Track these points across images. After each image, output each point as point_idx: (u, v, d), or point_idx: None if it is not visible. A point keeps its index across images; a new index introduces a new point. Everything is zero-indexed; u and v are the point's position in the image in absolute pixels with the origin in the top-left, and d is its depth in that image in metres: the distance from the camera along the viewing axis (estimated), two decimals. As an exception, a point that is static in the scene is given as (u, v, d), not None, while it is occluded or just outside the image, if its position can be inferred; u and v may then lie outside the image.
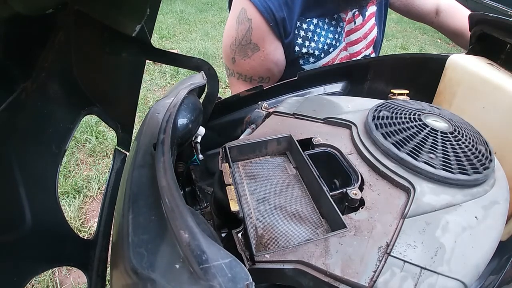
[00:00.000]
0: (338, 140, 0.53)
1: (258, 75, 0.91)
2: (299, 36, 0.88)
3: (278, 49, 0.89)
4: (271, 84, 0.93)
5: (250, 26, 0.84)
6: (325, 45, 0.91)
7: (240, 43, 0.86)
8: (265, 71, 0.90)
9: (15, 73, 0.41)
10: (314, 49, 0.91)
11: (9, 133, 0.41)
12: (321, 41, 0.91)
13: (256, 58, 0.87)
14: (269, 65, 0.89)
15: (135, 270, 0.31)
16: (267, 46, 0.86)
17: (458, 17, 1.12)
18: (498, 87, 0.63)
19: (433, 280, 0.34)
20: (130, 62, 0.61)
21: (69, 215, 1.72)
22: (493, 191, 0.45)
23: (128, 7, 0.46)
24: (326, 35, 0.91)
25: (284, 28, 0.85)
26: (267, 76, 0.91)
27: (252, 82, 0.92)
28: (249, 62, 0.88)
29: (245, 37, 0.85)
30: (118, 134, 0.67)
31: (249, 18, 0.83)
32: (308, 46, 0.90)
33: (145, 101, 2.78)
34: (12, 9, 0.34)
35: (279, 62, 0.91)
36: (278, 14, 0.83)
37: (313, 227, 0.41)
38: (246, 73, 0.91)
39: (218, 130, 0.77)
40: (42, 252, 0.47)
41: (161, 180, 0.36)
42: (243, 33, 0.85)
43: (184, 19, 4.88)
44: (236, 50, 0.87)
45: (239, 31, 0.85)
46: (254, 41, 0.85)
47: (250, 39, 0.85)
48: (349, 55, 0.99)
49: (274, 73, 0.92)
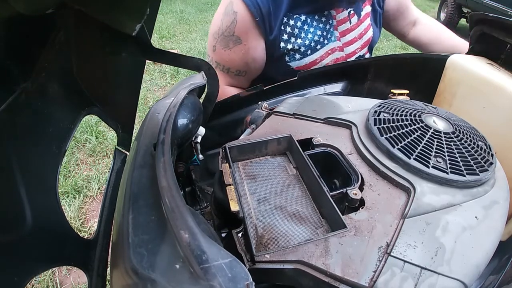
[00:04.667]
0: (338, 140, 0.53)
1: (236, 67, 0.92)
2: (285, 32, 0.89)
3: (259, 46, 0.90)
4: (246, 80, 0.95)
5: (235, 18, 0.85)
6: (312, 42, 0.91)
7: (223, 33, 0.87)
8: (243, 65, 0.91)
9: (15, 73, 0.41)
10: (300, 45, 0.91)
11: (9, 133, 0.41)
12: (308, 37, 0.91)
13: (236, 51, 0.88)
14: (248, 60, 0.90)
15: (135, 270, 0.31)
16: (250, 41, 0.87)
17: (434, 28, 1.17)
18: (498, 87, 0.63)
19: (433, 280, 0.34)
20: (130, 62, 0.61)
21: (69, 215, 1.72)
22: (493, 191, 0.45)
23: (128, 7, 0.46)
24: (314, 32, 0.91)
25: (270, 23, 0.86)
26: (244, 70, 0.93)
27: (229, 73, 0.94)
28: (229, 53, 0.89)
29: (229, 28, 0.86)
30: (118, 134, 0.67)
31: (235, 11, 0.84)
32: (294, 42, 0.90)
33: (145, 101, 2.78)
34: (12, 9, 0.34)
35: (258, 59, 0.92)
36: (264, 8, 0.84)
37: (313, 227, 0.41)
38: (224, 64, 0.92)
39: (218, 130, 0.77)
40: (42, 252, 0.47)
41: (161, 180, 0.36)
42: (227, 24, 0.86)
43: (184, 19, 4.88)
44: (218, 39, 0.89)
45: (224, 22, 0.86)
46: (237, 34, 0.86)
47: (233, 31, 0.86)
48: (345, 56, 0.99)
49: (251, 68, 0.93)
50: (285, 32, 0.89)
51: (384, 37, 4.60)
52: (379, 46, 4.36)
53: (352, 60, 0.96)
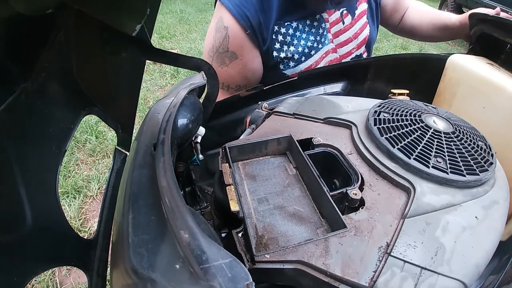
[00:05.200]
0: (338, 140, 0.53)
1: (235, 83, 0.90)
2: (276, 41, 0.87)
3: (256, 58, 0.88)
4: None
5: (226, 34, 0.83)
6: (305, 48, 0.90)
7: (217, 50, 0.86)
8: (242, 79, 0.90)
9: (15, 73, 0.41)
10: (293, 53, 0.89)
11: (9, 133, 0.41)
12: (301, 44, 0.89)
13: (234, 66, 0.87)
14: (247, 74, 0.89)
15: (135, 270, 0.31)
16: (246, 55, 0.85)
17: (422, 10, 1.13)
18: (498, 87, 0.63)
19: (433, 280, 0.34)
20: (130, 62, 0.61)
21: (69, 215, 1.72)
22: (493, 191, 0.45)
23: (128, 7, 0.46)
24: (307, 38, 0.89)
25: (261, 34, 0.84)
26: (244, 84, 0.91)
27: (229, 90, 0.91)
28: (226, 70, 0.87)
29: (222, 44, 0.84)
30: (118, 134, 0.67)
31: (225, 26, 0.83)
32: (287, 50, 0.88)
33: (145, 101, 2.78)
34: (12, 9, 0.34)
35: (257, 70, 0.90)
36: (254, 20, 0.82)
37: (313, 227, 0.41)
38: (223, 81, 0.89)
39: (218, 130, 0.77)
40: (42, 252, 0.47)
41: (161, 180, 0.36)
42: (220, 40, 0.84)
43: (184, 19, 4.88)
44: (214, 57, 0.87)
45: (217, 38, 0.85)
46: (231, 49, 0.84)
47: (227, 47, 0.84)
48: (339, 57, 0.97)
49: (251, 81, 0.91)
50: (276, 41, 0.87)
51: (384, 37, 4.60)
52: (379, 46, 4.36)
53: (352, 60, 0.96)
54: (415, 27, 1.13)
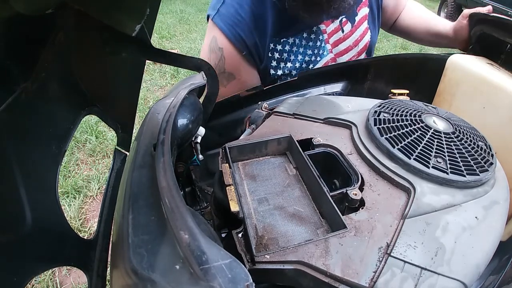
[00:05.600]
0: (338, 140, 0.53)
1: None
2: (273, 59, 0.85)
3: (254, 76, 0.86)
4: None
5: (222, 55, 0.81)
6: (303, 63, 0.88)
7: None
8: None
9: (15, 73, 0.41)
10: (290, 69, 0.86)
11: (9, 133, 0.41)
12: (298, 59, 0.87)
13: (231, 87, 0.85)
14: None
15: (135, 271, 0.31)
16: (243, 75, 0.84)
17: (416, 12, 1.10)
18: (498, 87, 0.63)
19: (433, 281, 0.34)
20: (130, 62, 0.61)
21: (69, 215, 1.72)
22: (493, 191, 0.45)
23: (128, 7, 0.46)
24: (304, 52, 0.87)
25: (258, 53, 0.82)
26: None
27: None
28: (225, 91, 0.84)
29: (218, 66, 0.82)
30: (118, 134, 0.67)
31: (220, 47, 0.80)
32: (284, 67, 0.86)
33: (145, 101, 2.78)
34: (12, 9, 0.34)
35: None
36: (249, 41, 0.80)
37: (313, 227, 0.41)
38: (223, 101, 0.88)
39: (218, 130, 0.77)
40: (42, 252, 0.47)
41: (161, 180, 0.36)
42: (216, 62, 0.82)
43: (184, 19, 4.88)
44: None
45: (212, 59, 0.82)
46: (228, 70, 0.83)
47: (224, 68, 0.82)
48: None
49: None
50: (273, 58, 0.85)
51: (384, 37, 4.60)
52: (379, 46, 4.35)
53: (352, 60, 0.96)
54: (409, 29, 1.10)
